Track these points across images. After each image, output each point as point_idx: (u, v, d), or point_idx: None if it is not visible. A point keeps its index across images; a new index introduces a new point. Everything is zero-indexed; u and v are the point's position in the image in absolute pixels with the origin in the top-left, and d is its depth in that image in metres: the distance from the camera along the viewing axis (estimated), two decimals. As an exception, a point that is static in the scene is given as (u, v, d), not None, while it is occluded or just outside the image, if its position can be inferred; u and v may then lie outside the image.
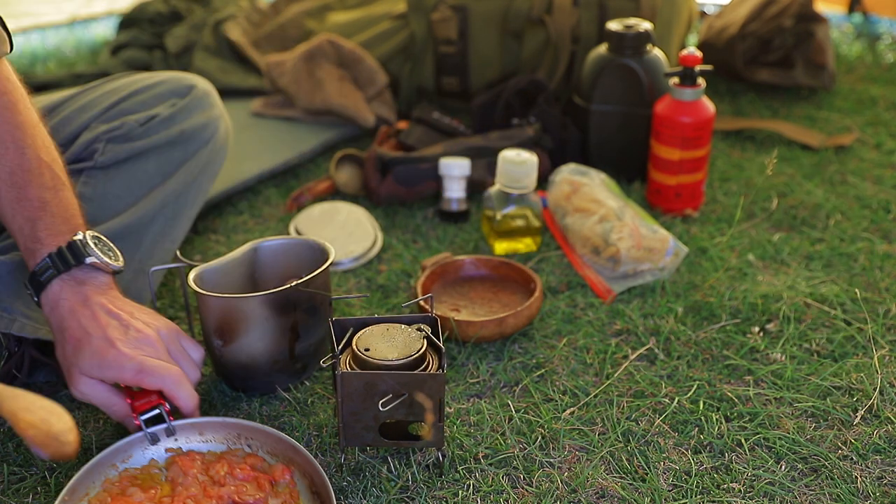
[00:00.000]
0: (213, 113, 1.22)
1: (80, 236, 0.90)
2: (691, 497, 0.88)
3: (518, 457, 0.94)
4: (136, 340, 0.87)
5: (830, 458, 0.93)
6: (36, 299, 0.90)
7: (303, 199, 1.44)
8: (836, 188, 1.49)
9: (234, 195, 1.47)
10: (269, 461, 0.89)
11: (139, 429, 0.88)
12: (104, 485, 0.86)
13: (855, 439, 0.95)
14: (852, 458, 0.93)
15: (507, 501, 0.89)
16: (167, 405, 0.89)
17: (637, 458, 0.94)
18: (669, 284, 1.22)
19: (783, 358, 1.08)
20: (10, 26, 0.96)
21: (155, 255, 1.13)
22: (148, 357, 0.87)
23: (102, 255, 0.90)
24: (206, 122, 1.20)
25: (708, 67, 1.35)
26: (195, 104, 1.20)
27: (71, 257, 0.89)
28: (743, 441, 0.96)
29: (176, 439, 0.90)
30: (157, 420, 0.89)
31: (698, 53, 1.33)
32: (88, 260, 0.89)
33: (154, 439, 0.89)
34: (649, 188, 1.42)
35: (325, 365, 0.92)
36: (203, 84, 1.24)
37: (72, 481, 0.84)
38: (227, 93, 1.63)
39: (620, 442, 0.96)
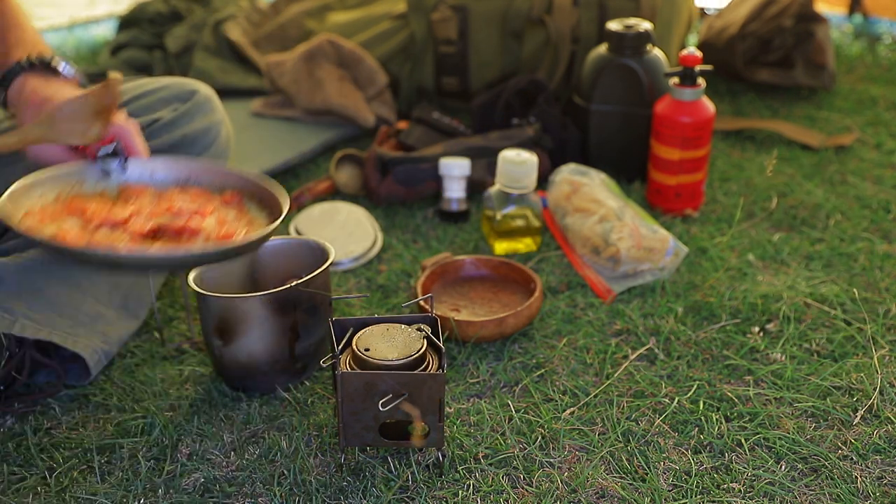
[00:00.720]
0: (214, 118, 1.23)
1: (48, 53, 1.00)
2: (691, 497, 0.88)
3: (518, 457, 0.94)
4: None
5: (830, 458, 0.93)
6: (3, 99, 1.00)
7: (303, 199, 1.44)
8: (836, 188, 1.49)
9: (234, 195, 1.47)
10: (214, 191, 0.95)
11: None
12: (57, 196, 0.90)
13: (855, 439, 0.95)
14: (852, 458, 0.93)
15: (507, 501, 0.89)
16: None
17: (637, 458, 0.94)
18: (669, 284, 1.22)
19: (783, 358, 1.08)
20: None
21: None
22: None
23: (66, 64, 0.99)
24: (208, 127, 1.21)
25: (708, 67, 1.35)
26: (197, 109, 1.20)
27: (37, 61, 1.00)
28: (743, 441, 0.96)
29: (127, 176, 0.94)
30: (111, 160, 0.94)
31: (698, 53, 1.33)
32: (52, 62, 0.99)
33: (106, 171, 0.93)
34: (649, 188, 1.42)
35: (325, 365, 0.93)
36: (205, 89, 1.24)
37: (29, 179, 0.89)
38: (227, 93, 1.63)
39: (620, 442, 0.96)
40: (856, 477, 0.91)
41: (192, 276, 1.01)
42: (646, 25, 1.43)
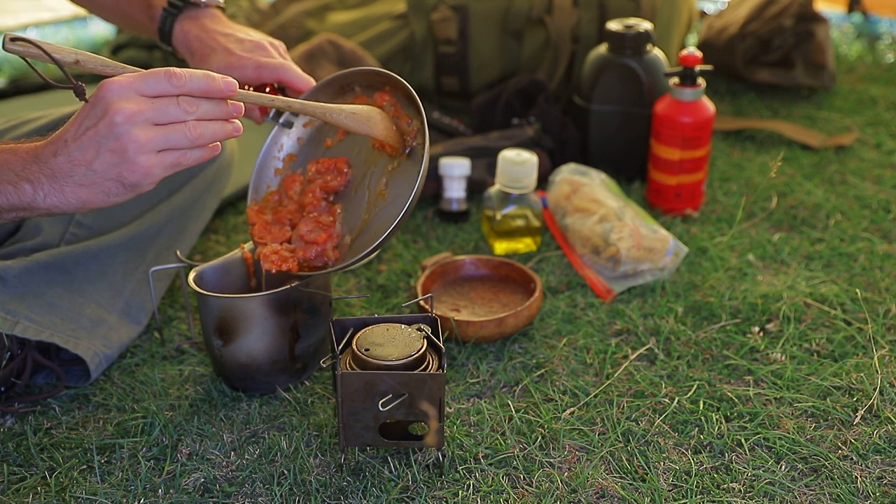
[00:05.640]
0: None
1: None
2: (691, 497, 0.88)
3: (518, 457, 0.94)
4: (251, 47, 1.06)
5: (830, 458, 0.93)
6: (170, 48, 1.10)
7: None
8: (836, 188, 1.49)
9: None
10: (369, 94, 1.04)
11: (269, 123, 1.08)
12: (277, 179, 1.06)
13: (855, 439, 0.95)
14: (852, 458, 0.93)
15: (507, 501, 0.89)
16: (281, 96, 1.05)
17: (637, 458, 0.94)
18: (669, 284, 1.22)
19: (783, 358, 1.08)
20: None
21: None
22: (262, 57, 1.05)
23: None
24: None
25: (708, 67, 1.35)
26: None
27: (179, 2, 1.08)
28: (743, 441, 0.96)
29: (304, 117, 1.06)
30: (277, 115, 1.08)
31: (698, 53, 1.33)
32: None
33: (289, 124, 1.07)
34: (649, 188, 1.42)
35: (325, 365, 0.93)
36: None
37: (252, 181, 1.06)
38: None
39: (620, 442, 0.96)
40: (856, 477, 0.91)
41: (191, 275, 1.01)
42: (646, 25, 1.43)
